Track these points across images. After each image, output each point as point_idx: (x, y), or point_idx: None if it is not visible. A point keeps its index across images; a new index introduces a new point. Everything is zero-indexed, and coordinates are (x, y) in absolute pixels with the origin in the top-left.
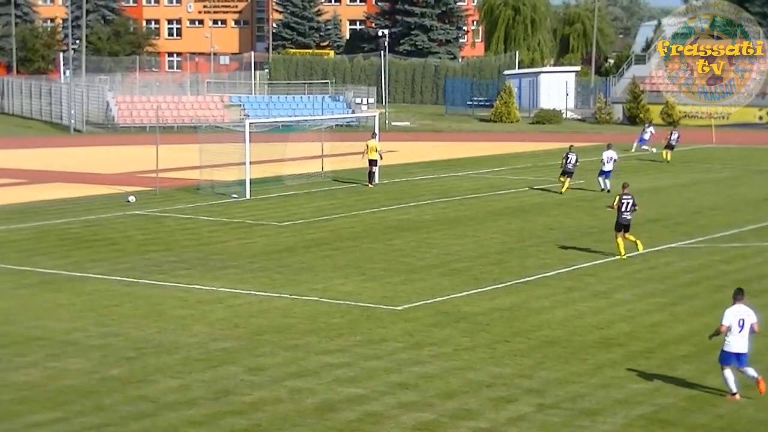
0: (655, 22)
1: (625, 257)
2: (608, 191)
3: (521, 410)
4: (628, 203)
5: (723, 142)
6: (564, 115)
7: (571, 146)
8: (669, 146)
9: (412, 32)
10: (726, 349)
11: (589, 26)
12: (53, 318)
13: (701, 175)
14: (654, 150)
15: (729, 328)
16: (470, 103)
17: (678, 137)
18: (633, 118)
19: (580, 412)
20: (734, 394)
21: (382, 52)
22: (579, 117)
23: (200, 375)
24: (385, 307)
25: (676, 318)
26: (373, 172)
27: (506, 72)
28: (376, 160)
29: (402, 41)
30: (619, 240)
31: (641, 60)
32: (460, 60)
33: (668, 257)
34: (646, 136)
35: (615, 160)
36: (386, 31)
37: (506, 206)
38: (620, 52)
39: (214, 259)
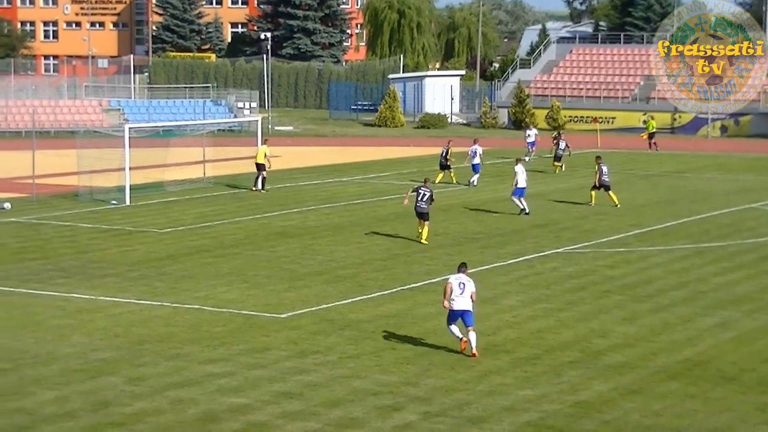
0: (540, 27)
1: (425, 241)
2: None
3: (407, 418)
4: (424, 194)
5: (607, 146)
6: (449, 120)
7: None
8: (557, 157)
9: (295, 35)
10: (450, 308)
11: (473, 30)
12: None
13: (586, 180)
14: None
15: (452, 290)
16: (354, 107)
17: (566, 146)
18: (518, 122)
19: (467, 420)
20: (461, 338)
21: (264, 55)
22: (464, 121)
23: (79, 386)
24: (268, 314)
25: (562, 324)
26: (260, 177)
27: (391, 76)
28: (263, 165)
29: (285, 44)
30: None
31: (526, 64)
32: (343, 64)
33: (554, 263)
34: (531, 139)
35: (480, 155)
36: (269, 35)
37: (391, 212)
38: (505, 56)
39: (93, 267)
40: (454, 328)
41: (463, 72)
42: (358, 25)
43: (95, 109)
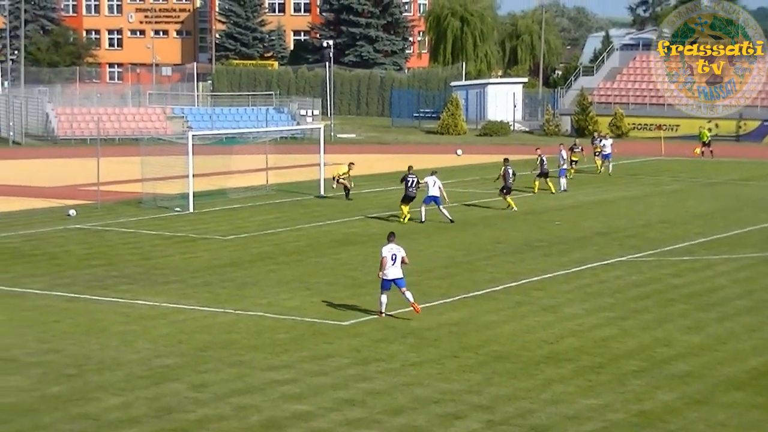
0: (603, 34)
1: (406, 222)
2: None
3: (470, 426)
4: (413, 180)
5: (672, 154)
6: (511, 127)
7: (506, 159)
8: (544, 174)
9: (358, 43)
10: (384, 278)
11: (536, 37)
12: None
13: (650, 188)
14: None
15: (386, 260)
16: (417, 114)
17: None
18: (581, 130)
19: (530, 429)
20: (381, 313)
21: (327, 63)
22: (527, 129)
23: (143, 392)
24: (331, 322)
25: (626, 332)
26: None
27: (453, 83)
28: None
29: (347, 52)
30: (404, 207)
31: (589, 71)
32: (406, 71)
33: (617, 271)
34: (607, 150)
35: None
36: (331, 42)
37: (457, 218)
38: (568, 64)
39: (156, 273)
40: (384, 299)
41: (525, 79)
42: (421, 33)
43: (159, 117)
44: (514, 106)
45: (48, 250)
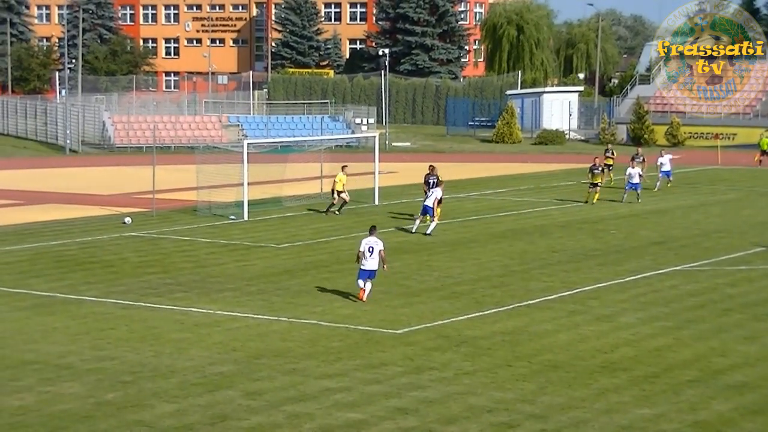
0: (660, 42)
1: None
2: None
3: None
4: (434, 182)
5: (728, 163)
6: (567, 136)
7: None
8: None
9: (413, 51)
10: (362, 268)
11: (592, 46)
12: (48, 341)
13: (706, 197)
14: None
15: (363, 253)
16: (472, 123)
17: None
18: (637, 139)
19: None
20: (362, 289)
21: (382, 71)
22: (582, 137)
23: (197, 399)
24: (384, 330)
25: (681, 342)
26: (342, 203)
27: (508, 92)
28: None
29: (403, 60)
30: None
31: (646, 80)
32: (461, 80)
33: (673, 280)
34: (666, 168)
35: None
36: (387, 51)
37: (508, 228)
38: (624, 72)
39: (211, 281)
40: (361, 283)
41: (581, 88)
42: (476, 41)
43: (215, 125)
44: (570, 115)
45: (104, 257)
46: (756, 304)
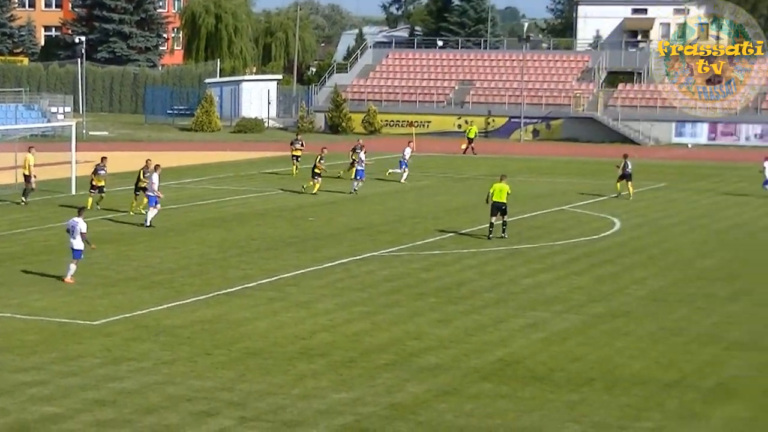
0: (357, 31)
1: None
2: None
3: (223, 424)
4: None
5: (423, 150)
6: (266, 124)
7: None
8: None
9: (111, 39)
10: (71, 247)
11: (290, 34)
12: None
13: (402, 184)
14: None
15: (68, 230)
16: (171, 111)
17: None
18: (335, 127)
19: (282, 424)
20: (67, 279)
21: (78, 59)
22: (281, 126)
23: None
24: (82, 322)
25: (378, 326)
26: (28, 189)
27: (208, 80)
28: (29, 176)
29: (100, 48)
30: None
31: (343, 68)
32: (160, 68)
33: (370, 266)
34: (407, 155)
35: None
36: (83, 38)
37: (207, 216)
38: (322, 61)
39: None
40: (72, 266)
41: (280, 76)
42: (175, 29)
43: None
44: (269, 103)
45: None
46: (449, 288)
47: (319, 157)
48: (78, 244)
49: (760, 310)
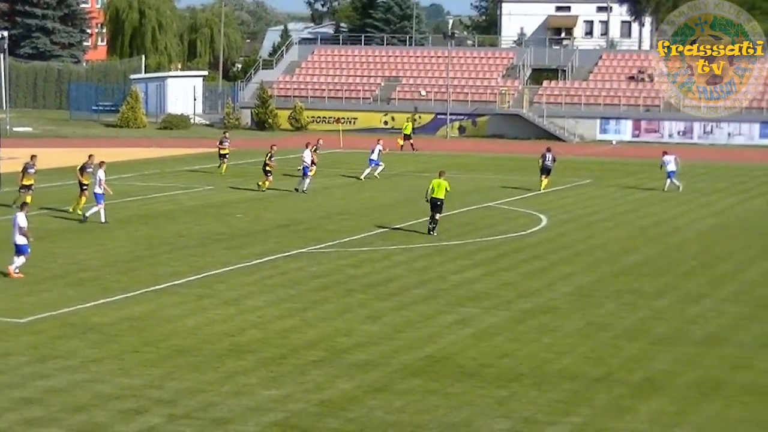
0: (282, 28)
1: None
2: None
3: (151, 421)
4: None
5: (350, 146)
6: (192, 120)
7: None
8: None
9: (34, 35)
10: (14, 242)
11: (215, 31)
12: None
13: (330, 180)
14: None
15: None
16: (96, 108)
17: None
18: (262, 123)
19: (212, 421)
20: (13, 273)
21: (1, 55)
22: (207, 122)
23: None
24: (8, 320)
25: (307, 323)
26: None
27: (133, 76)
28: None
29: (23, 44)
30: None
31: (269, 65)
32: (84, 64)
33: (299, 262)
34: (375, 155)
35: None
36: (5, 33)
37: (134, 213)
38: (248, 57)
39: None
40: (16, 259)
41: (205, 73)
42: (99, 25)
43: None
44: (195, 99)
45: None
46: (378, 284)
47: (269, 154)
48: (18, 240)
49: (686, 305)
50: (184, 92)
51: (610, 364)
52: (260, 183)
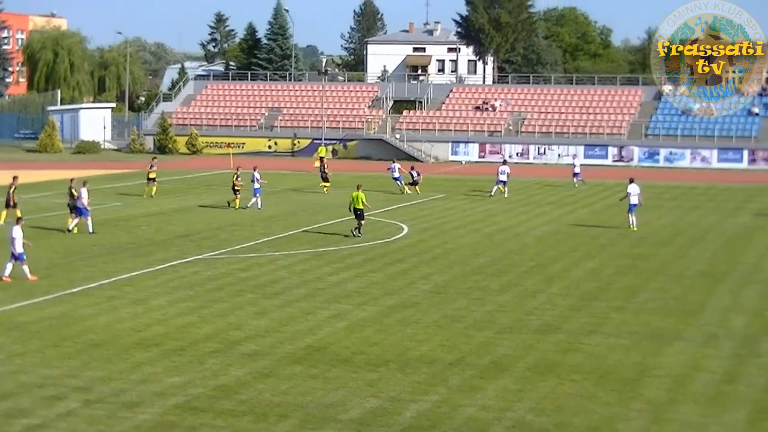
0: (179, 66)
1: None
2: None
3: (70, 406)
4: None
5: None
6: (102, 146)
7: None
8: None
9: None
10: (13, 252)
11: (122, 68)
12: None
13: (221, 197)
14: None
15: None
16: (17, 135)
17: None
18: (163, 148)
19: (123, 405)
20: (4, 277)
21: None
22: (116, 147)
23: None
24: None
25: (204, 319)
26: None
27: (50, 108)
28: None
29: None
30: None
31: (168, 98)
32: (7, 97)
33: (196, 267)
34: (397, 174)
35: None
36: None
37: (54, 226)
38: (150, 91)
39: None
40: (10, 266)
41: (113, 104)
42: (19, 64)
43: None
44: (104, 128)
45: None
46: (265, 285)
47: (235, 175)
48: (16, 248)
49: (525, 299)
50: (95, 122)
51: (462, 350)
52: (230, 201)
